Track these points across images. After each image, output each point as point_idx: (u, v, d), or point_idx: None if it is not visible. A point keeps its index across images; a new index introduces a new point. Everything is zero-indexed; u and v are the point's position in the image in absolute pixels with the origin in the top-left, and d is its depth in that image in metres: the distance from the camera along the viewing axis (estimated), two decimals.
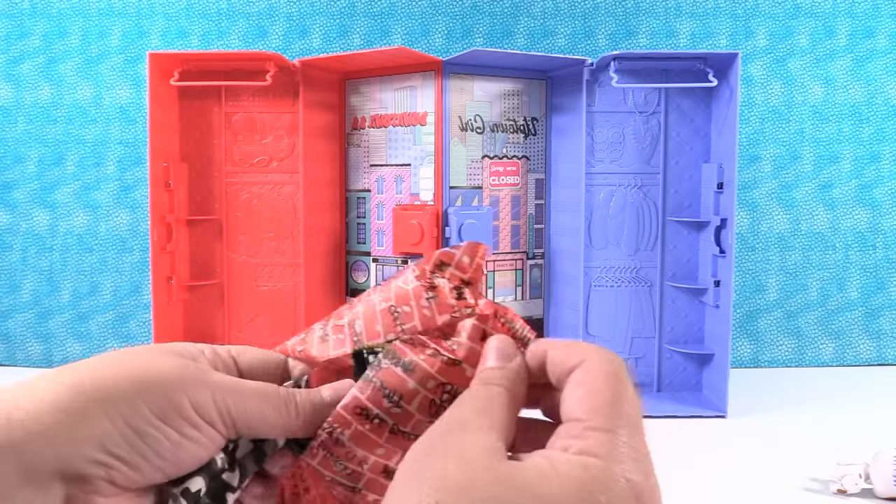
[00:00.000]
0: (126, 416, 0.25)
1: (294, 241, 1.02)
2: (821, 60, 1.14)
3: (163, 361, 0.27)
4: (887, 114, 1.15)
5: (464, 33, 1.14)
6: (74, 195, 1.14)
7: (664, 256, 1.00)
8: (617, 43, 1.14)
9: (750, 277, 1.15)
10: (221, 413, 0.27)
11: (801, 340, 1.16)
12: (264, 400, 0.29)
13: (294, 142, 1.02)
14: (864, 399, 0.98)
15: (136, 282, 1.15)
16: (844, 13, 1.14)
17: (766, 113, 1.14)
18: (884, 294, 1.16)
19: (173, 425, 0.26)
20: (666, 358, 1.01)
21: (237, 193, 1.03)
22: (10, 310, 1.15)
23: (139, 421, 0.25)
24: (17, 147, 1.14)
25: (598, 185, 1.00)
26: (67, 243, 1.15)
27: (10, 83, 1.14)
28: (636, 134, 0.99)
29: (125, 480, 0.25)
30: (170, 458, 0.26)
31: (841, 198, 1.15)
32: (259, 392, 0.29)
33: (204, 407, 0.27)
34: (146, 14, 1.13)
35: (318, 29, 1.14)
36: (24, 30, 1.13)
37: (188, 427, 0.26)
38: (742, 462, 0.78)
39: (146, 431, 0.25)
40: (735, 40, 1.14)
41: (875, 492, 0.66)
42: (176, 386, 0.26)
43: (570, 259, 0.99)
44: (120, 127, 1.14)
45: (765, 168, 1.15)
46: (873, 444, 0.69)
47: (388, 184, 1.00)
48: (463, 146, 0.97)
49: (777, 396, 0.99)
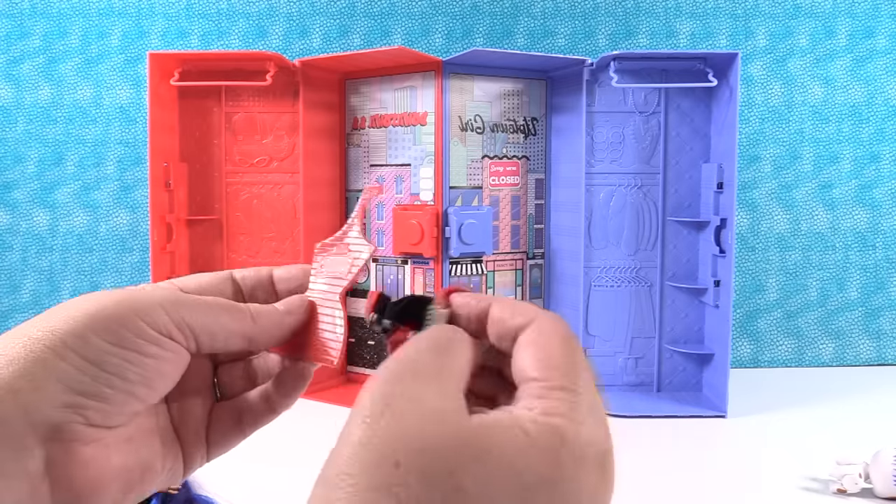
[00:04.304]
0: (79, 350, 0.25)
1: (294, 241, 1.02)
2: (821, 60, 1.14)
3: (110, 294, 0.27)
4: (887, 114, 1.15)
5: (464, 33, 1.14)
6: (74, 195, 1.14)
7: (664, 256, 1.00)
8: (617, 43, 1.14)
9: (750, 277, 1.15)
10: (178, 324, 0.27)
11: (801, 340, 1.16)
12: (220, 307, 0.29)
13: (294, 142, 1.02)
14: (864, 399, 0.98)
15: (136, 282, 1.15)
16: (844, 13, 1.14)
17: (766, 113, 1.14)
18: (884, 294, 1.16)
19: (130, 346, 0.26)
20: (666, 358, 1.01)
21: (237, 193, 1.03)
22: (11, 310, 1.15)
23: (93, 352, 0.25)
24: (17, 147, 1.14)
25: (597, 185, 1.00)
26: (67, 243, 1.15)
27: (10, 83, 1.14)
28: (636, 134, 0.99)
29: (100, 417, 0.25)
30: (137, 379, 0.26)
31: (841, 198, 1.15)
32: (212, 301, 0.29)
33: (158, 322, 0.26)
34: (146, 14, 1.13)
35: (318, 29, 1.14)
36: (24, 30, 1.13)
37: (147, 345, 0.26)
38: (742, 462, 0.78)
39: (103, 360, 0.25)
40: (735, 40, 1.14)
41: (875, 492, 0.66)
42: (125, 309, 0.26)
43: (570, 259, 0.99)
44: (120, 127, 1.14)
45: (765, 168, 1.15)
46: (873, 444, 0.69)
47: (389, 184, 1.00)
48: (463, 146, 0.97)
49: (777, 396, 0.99)
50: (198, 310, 0.28)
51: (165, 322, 0.27)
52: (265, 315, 0.30)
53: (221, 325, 0.28)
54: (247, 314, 0.29)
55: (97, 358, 0.25)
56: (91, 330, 0.25)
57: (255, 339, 0.30)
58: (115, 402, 0.25)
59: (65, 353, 0.24)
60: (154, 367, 0.26)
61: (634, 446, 0.82)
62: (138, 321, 0.26)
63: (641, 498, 0.69)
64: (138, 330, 0.26)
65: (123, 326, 0.26)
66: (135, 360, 0.26)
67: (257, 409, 0.32)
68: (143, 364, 0.26)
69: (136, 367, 0.26)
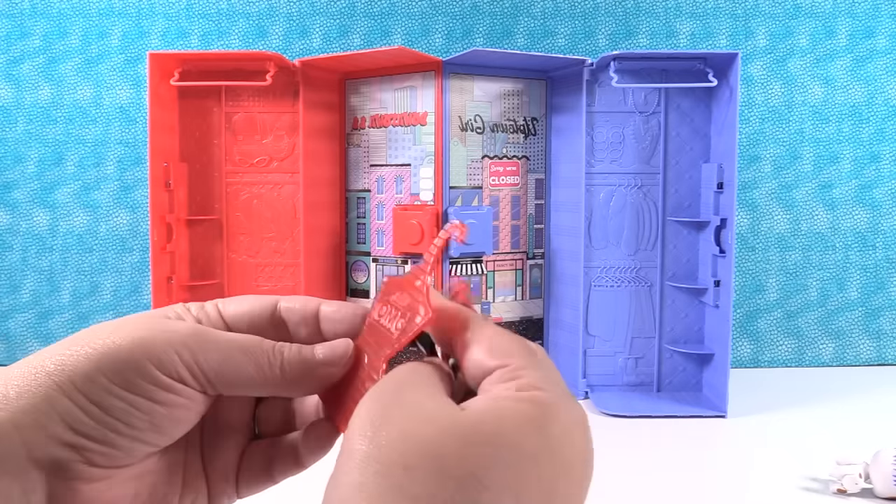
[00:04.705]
0: (86, 392, 0.24)
1: (294, 241, 1.02)
2: (821, 60, 1.14)
3: (124, 328, 0.25)
4: (887, 114, 1.15)
5: (464, 33, 1.14)
6: (74, 195, 1.14)
7: (664, 256, 1.00)
8: (617, 43, 1.14)
9: (750, 277, 1.15)
10: (191, 369, 0.25)
11: (801, 340, 1.16)
12: (242, 352, 0.26)
13: (294, 142, 1.02)
14: (864, 399, 0.98)
15: (136, 282, 1.15)
16: (844, 13, 1.14)
17: (766, 113, 1.14)
18: (884, 294, 1.16)
19: (140, 392, 0.24)
20: (666, 358, 1.01)
21: (237, 193, 1.03)
22: (10, 310, 1.15)
23: (100, 394, 0.24)
24: (17, 147, 1.14)
25: (597, 185, 1.00)
26: (67, 243, 1.15)
27: (10, 83, 1.14)
28: (636, 134, 0.99)
29: (104, 460, 0.24)
30: (145, 426, 0.25)
31: (841, 198, 1.15)
32: (236, 344, 0.27)
33: (169, 366, 0.25)
34: (146, 14, 1.13)
35: (318, 29, 1.14)
36: (24, 30, 1.13)
37: (159, 391, 0.25)
38: (742, 462, 0.78)
39: (110, 404, 0.24)
40: (735, 40, 1.14)
41: (875, 492, 0.66)
42: (135, 351, 0.25)
43: (570, 259, 0.99)
44: (120, 127, 1.14)
45: (765, 168, 1.15)
46: (873, 444, 0.69)
47: (389, 184, 1.00)
48: (463, 146, 0.97)
49: (777, 396, 0.99)
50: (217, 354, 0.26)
51: (176, 366, 0.25)
52: (296, 366, 0.27)
53: (242, 374, 0.26)
54: (275, 365, 0.27)
55: (102, 401, 0.24)
56: (101, 371, 0.24)
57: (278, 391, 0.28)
58: (120, 447, 0.25)
59: (71, 392, 0.24)
60: (165, 413, 0.25)
61: (634, 446, 0.82)
62: (150, 366, 0.25)
63: (641, 498, 0.69)
64: (149, 376, 0.25)
65: (134, 371, 0.24)
66: (143, 407, 0.25)
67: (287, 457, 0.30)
68: (153, 411, 0.25)
69: (144, 413, 0.25)
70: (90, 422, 0.24)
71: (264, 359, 0.27)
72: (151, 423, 0.25)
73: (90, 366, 0.24)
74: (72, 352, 0.24)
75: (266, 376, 0.27)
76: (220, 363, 0.26)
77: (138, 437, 0.25)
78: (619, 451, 0.80)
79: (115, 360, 0.24)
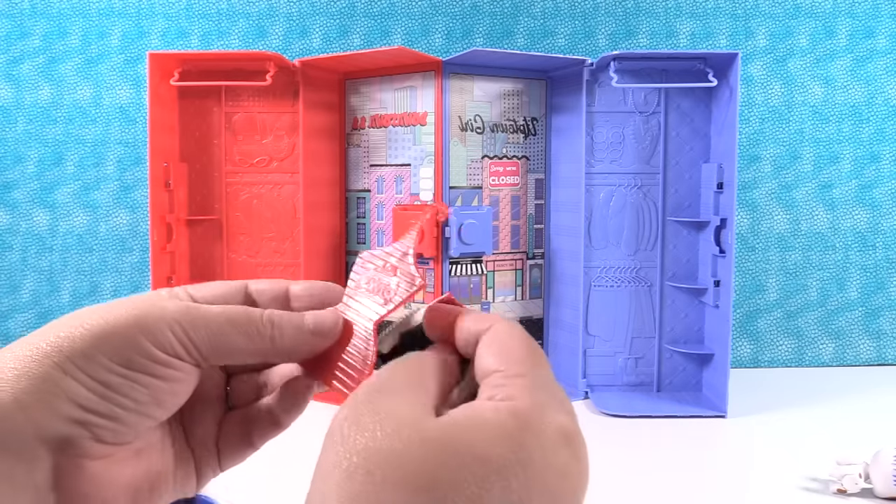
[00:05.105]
0: (88, 370, 0.24)
1: (294, 241, 1.03)
2: (821, 60, 1.14)
3: (117, 308, 0.26)
4: (887, 114, 1.15)
5: (464, 33, 1.14)
6: (74, 195, 1.14)
7: (664, 256, 1.00)
8: (617, 43, 1.14)
9: (750, 277, 1.15)
10: (184, 343, 0.26)
11: (801, 340, 1.16)
12: (231, 324, 0.27)
13: (294, 142, 1.02)
14: (864, 399, 0.98)
15: (136, 282, 1.15)
16: (844, 13, 1.14)
17: (766, 113, 1.14)
18: (884, 294, 1.16)
19: (139, 369, 0.25)
20: (666, 358, 1.01)
21: (237, 193, 1.03)
22: (10, 310, 1.15)
23: (102, 373, 0.25)
24: (17, 147, 1.14)
25: (597, 185, 1.00)
26: (67, 243, 1.15)
27: (10, 83, 1.14)
28: (636, 134, 0.99)
29: (111, 435, 0.25)
30: (148, 401, 0.26)
31: (841, 198, 1.15)
32: (224, 316, 0.27)
33: (164, 342, 0.26)
34: (146, 14, 1.13)
35: (318, 29, 1.14)
36: (24, 30, 1.13)
37: (157, 366, 0.26)
38: (742, 462, 0.78)
39: (112, 381, 0.25)
40: (735, 40, 1.14)
41: (875, 492, 0.66)
42: (131, 329, 0.25)
43: (570, 259, 0.99)
44: (120, 127, 1.14)
45: (765, 168, 1.15)
46: (873, 444, 0.69)
47: (388, 184, 1.00)
48: (463, 146, 0.97)
49: (777, 396, 0.99)
50: (210, 328, 0.27)
51: (170, 341, 0.26)
52: (288, 335, 0.28)
53: (233, 346, 0.27)
54: (265, 335, 0.28)
55: (105, 379, 0.25)
56: (98, 350, 0.25)
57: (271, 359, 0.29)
58: (126, 422, 0.25)
59: (73, 371, 0.24)
60: (164, 387, 0.26)
61: (634, 446, 0.82)
62: (146, 343, 0.25)
63: (641, 498, 0.69)
64: (146, 352, 0.25)
65: (130, 346, 0.25)
66: (144, 382, 0.25)
67: (264, 421, 0.31)
68: (153, 385, 0.26)
69: (145, 388, 0.25)
70: (96, 398, 0.24)
71: (253, 329, 0.28)
72: (153, 397, 0.26)
73: (86, 345, 0.25)
74: (66, 332, 0.25)
75: (257, 346, 0.28)
76: (211, 337, 0.27)
77: (143, 412, 0.26)
78: (618, 451, 0.80)
79: (114, 339, 0.25)
